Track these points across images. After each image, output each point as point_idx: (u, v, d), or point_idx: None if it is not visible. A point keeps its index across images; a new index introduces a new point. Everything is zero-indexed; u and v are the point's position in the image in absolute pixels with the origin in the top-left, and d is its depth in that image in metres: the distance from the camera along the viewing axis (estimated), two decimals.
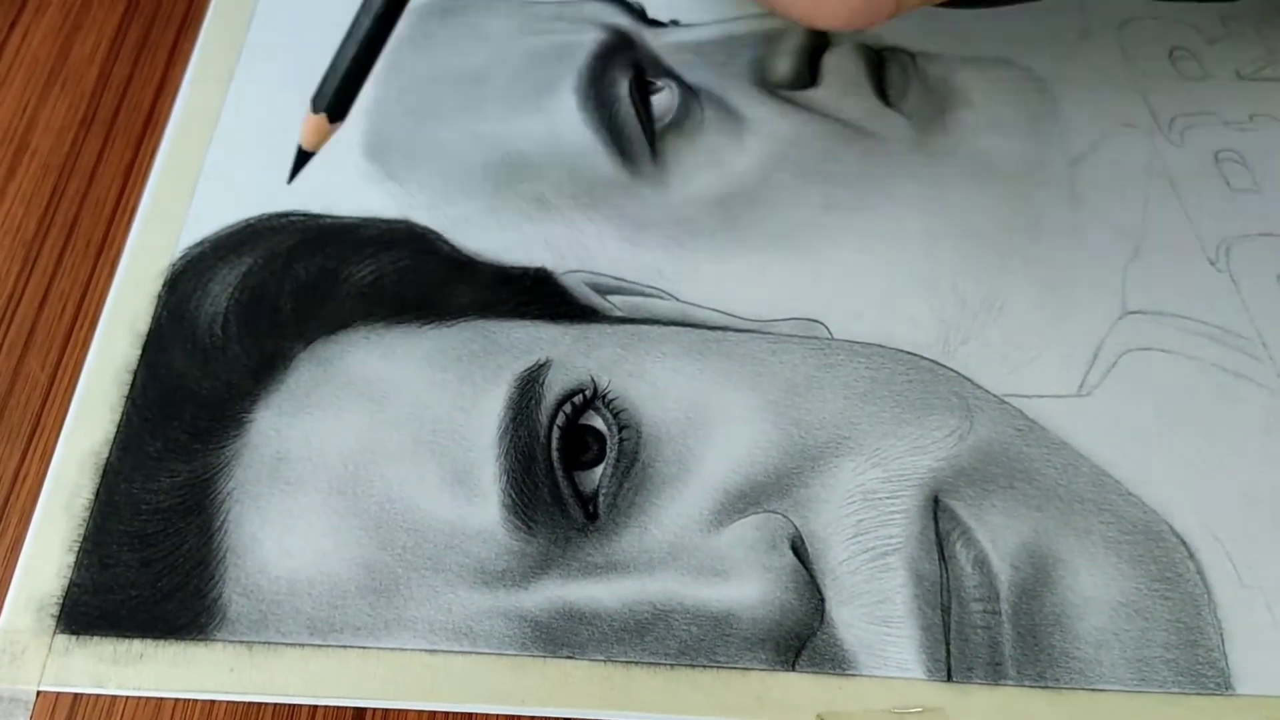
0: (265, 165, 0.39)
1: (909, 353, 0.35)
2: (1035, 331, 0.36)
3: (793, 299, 0.36)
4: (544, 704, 0.30)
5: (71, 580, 0.31)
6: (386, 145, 0.39)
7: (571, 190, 0.38)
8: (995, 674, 0.30)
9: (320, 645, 0.31)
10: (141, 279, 0.36)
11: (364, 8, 0.32)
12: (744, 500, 0.32)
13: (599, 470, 0.32)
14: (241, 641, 0.31)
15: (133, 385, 0.34)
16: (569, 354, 0.34)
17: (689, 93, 0.40)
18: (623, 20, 0.42)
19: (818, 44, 0.42)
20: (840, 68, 0.41)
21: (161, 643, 0.31)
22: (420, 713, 0.30)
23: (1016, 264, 0.37)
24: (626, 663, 0.30)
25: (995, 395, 0.34)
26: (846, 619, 0.31)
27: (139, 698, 0.30)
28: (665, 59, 0.41)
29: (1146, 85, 0.42)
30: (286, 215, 0.38)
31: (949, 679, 0.30)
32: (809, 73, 0.41)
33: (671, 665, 0.30)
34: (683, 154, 0.39)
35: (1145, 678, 0.30)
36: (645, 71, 0.41)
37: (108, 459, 0.33)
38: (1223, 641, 0.31)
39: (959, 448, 0.33)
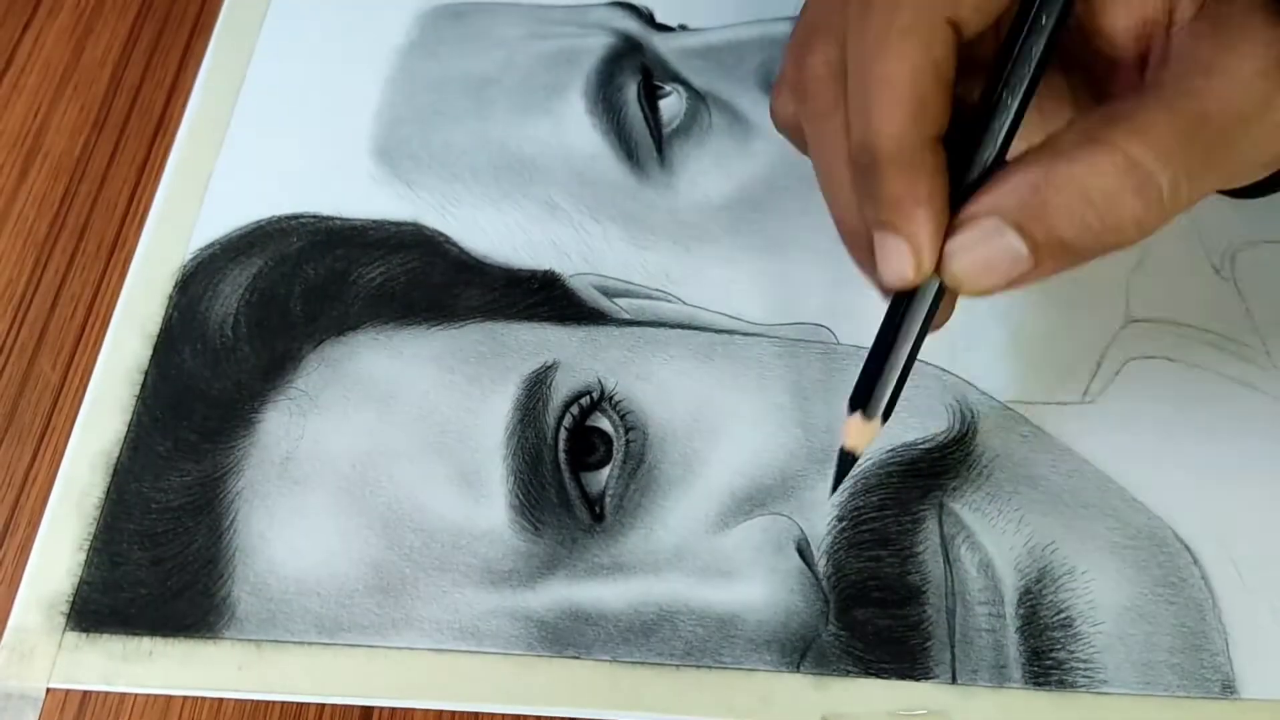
0: (276, 168, 0.39)
1: None
2: (1039, 339, 0.36)
3: (799, 304, 0.36)
4: (550, 704, 0.30)
5: (81, 578, 0.32)
6: (396, 148, 0.39)
7: (579, 194, 0.38)
8: (1000, 677, 0.30)
9: (328, 644, 0.31)
10: (152, 280, 0.37)
11: (910, 312, 0.27)
12: (750, 502, 0.32)
13: (605, 471, 0.33)
14: (250, 640, 0.31)
15: (143, 385, 0.35)
16: (576, 356, 0.35)
17: (696, 97, 0.40)
18: (631, 25, 0.42)
19: None
20: None
21: (171, 640, 0.31)
22: (427, 712, 0.30)
23: None
24: (632, 663, 0.31)
25: (999, 401, 0.35)
26: (851, 621, 0.31)
27: (148, 695, 0.30)
28: (673, 63, 0.41)
29: None
30: (296, 217, 0.38)
31: (954, 681, 0.30)
32: None
33: (677, 666, 0.30)
34: (690, 159, 0.39)
35: (1150, 681, 0.30)
36: (653, 76, 0.41)
37: (118, 458, 0.33)
38: (1227, 646, 0.31)
39: (963, 453, 0.33)
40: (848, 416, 0.28)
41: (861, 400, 0.28)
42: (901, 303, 0.27)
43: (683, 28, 0.43)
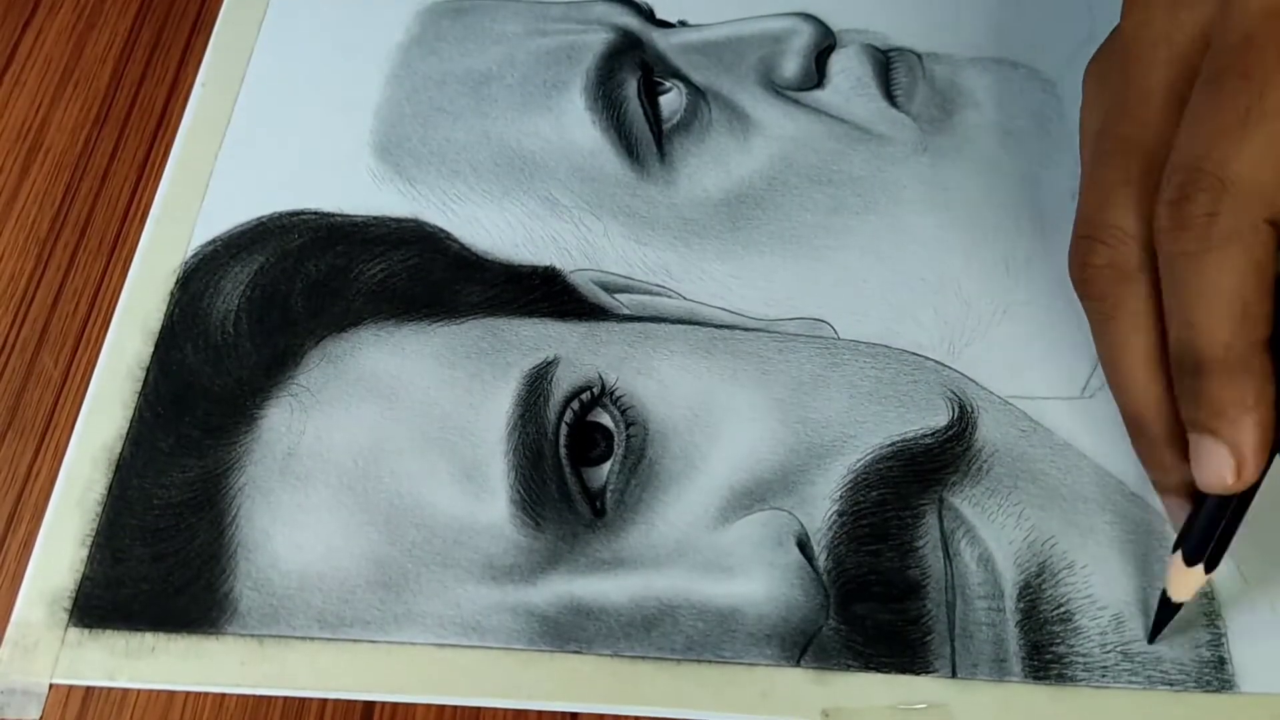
0: (277, 164, 0.39)
1: (914, 353, 0.35)
2: (1038, 334, 0.36)
3: (799, 299, 0.37)
4: (551, 698, 0.30)
5: (84, 574, 0.32)
6: (397, 144, 0.39)
7: (580, 190, 0.38)
8: (1000, 670, 0.30)
9: (330, 639, 0.31)
10: (154, 276, 0.37)
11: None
12: (750, 497, 0.32)
13: (606, 466, 0.33)
14: (252, 635, 0.31)
15: (145, 381, 0.35)
16: (577, 351, 0.35)
17: (696, 93, 0.40)
18: (631, 21, 0.42)
19: (825, 45, 0.42)
20: (847, 69, 0.41)
21: (173, 636, 0.31)
22: (429, 707, 0.30)
23: (1020, 266, 0.37)
24: (633, 658, 0.31)
25: (999, 396, 0.35)
26: (851, 615, 0.31)
27: (150, 690, 0.31)
28: (673, 59, 0.41)
29: None
30: (298, 214, 0.38)
31: (954, 675, 0.30)
32: (816, 74, 0.41)
33: (678, 660, 0.31)
34: (690, 155, 0.39)
35: (1149, 676, 0.30)
36: (653, 72, 0.41)
37: (120, 454, 0.34)
38: (1226, 640, 0.31)
39: (963, 448, 0.33)
40: (1177, 564, 0.29)
41: (1195, 550, 0.29)
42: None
43: (682, 23, 0.43)
